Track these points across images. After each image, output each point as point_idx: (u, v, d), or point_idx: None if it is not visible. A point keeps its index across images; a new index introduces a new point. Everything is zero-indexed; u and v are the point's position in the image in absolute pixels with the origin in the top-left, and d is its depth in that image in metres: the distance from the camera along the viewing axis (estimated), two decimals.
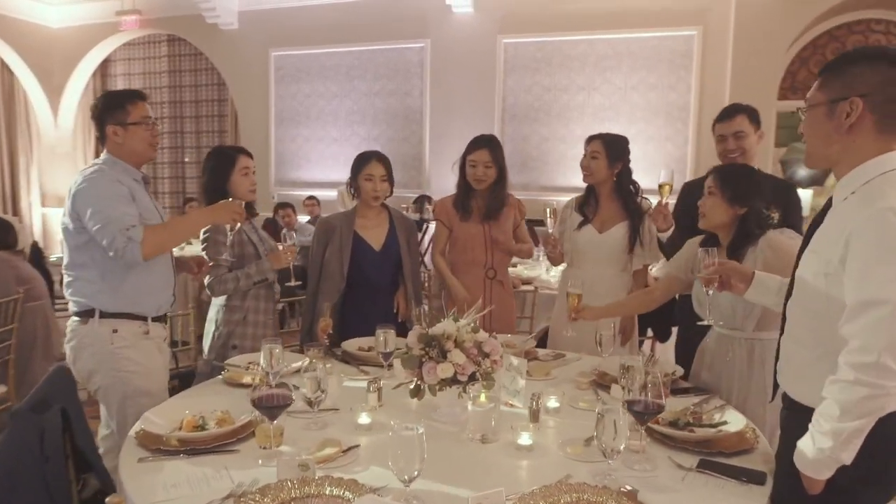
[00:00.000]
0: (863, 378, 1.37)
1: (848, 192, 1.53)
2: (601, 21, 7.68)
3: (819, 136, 1.58)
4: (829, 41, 7.47)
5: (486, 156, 3.15)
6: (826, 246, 1.54)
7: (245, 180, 2.91)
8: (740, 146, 2.81)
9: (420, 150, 8.56)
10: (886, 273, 1.37)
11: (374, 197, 3.06)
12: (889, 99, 1.47)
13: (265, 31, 8.90)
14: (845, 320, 1.43)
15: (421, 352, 1.95)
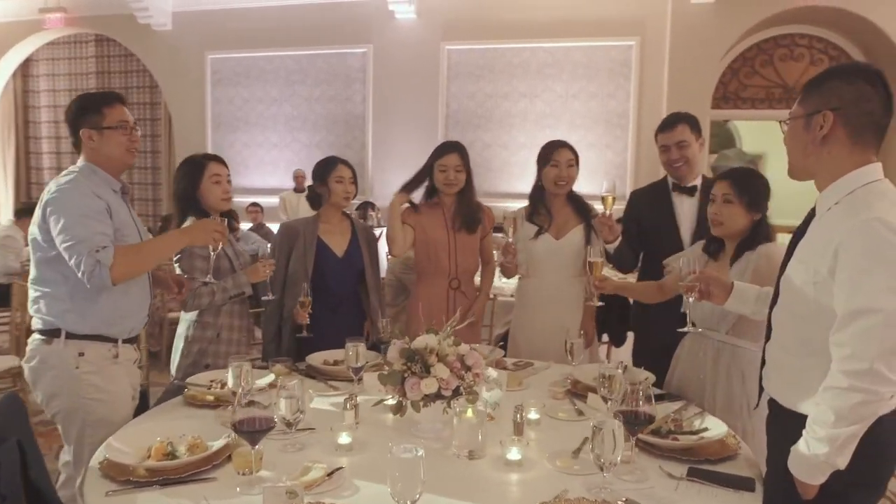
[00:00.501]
0: (857, 385, 1.39)
1: (831, 202, 1.57)
2: (542, 30, 7.80)
3: (797, 147, 1.63)
4: (757, 53, 7.83)
5: (457, 160, 3.09)
6: (813, 256, 1.57)
7: (216, 188, 2.74)
8: (683, 155, 2.85)
9: (363, 157, 8.46)
10: (876, 282, 1.40)
11: (345, 198, 3.04)
12: (863, 112, 1.52)
13: (201, 32, 8.61)
14: (836, 329, 1.46)
15: (403, 367, 1.89)
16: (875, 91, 1.52)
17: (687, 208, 2.93)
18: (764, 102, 7.85)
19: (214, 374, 2.46)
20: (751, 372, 2.22)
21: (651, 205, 3.01)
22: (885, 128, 1.54)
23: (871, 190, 1.50)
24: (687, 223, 2.91)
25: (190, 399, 2.27)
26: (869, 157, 1.55)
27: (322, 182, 3.06)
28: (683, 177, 2.90)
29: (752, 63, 7.84)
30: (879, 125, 1.53)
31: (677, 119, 2.90)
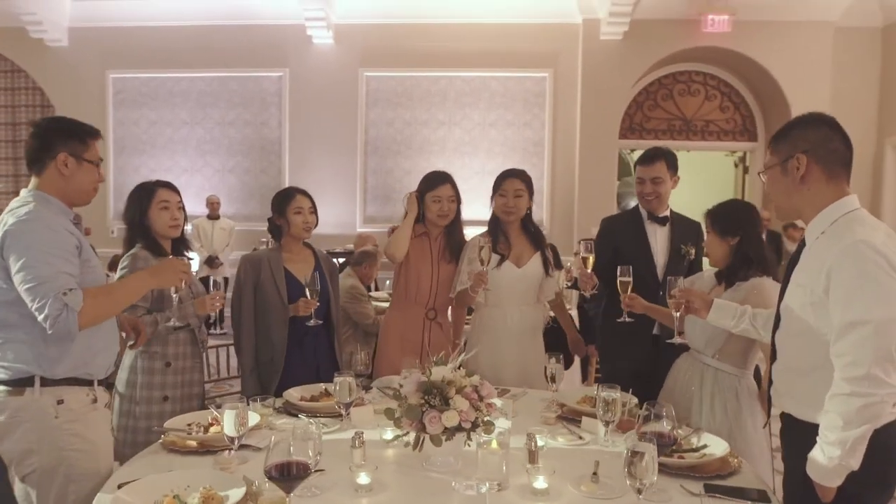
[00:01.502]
0: (858, 389, 1.55)
1: (818, 232, 1.75)
2: (460, 60, 7.99)
3: (781, 191, 1.82)
4: (658, 88, 8.41)
5: (450, 190, 3.08)
6: (809, 279, 1.73)
7: (164, 214, 2.65)
8: (656, 190, 3.02)
9: (279, 182, 8.22)
10: (866, 296, 1.58)
11: (305, 229, 2.98)
12: (830, 151, 1.73)
13: (101, 50, 8.13)
14: (834, 341, 1.62)
15: (421, 401, 1.86)
16: (835, 132, 1.74)
17: (660, 237, 3.09)
18: (666, 133, 8.42)
19: (192, 416, 2.30)
20: (732, 395, 2.39)
21: (626, 233, 3.13)
22: (850, 161, 1.76)
23: (851, 218, 1.69)
24: (660, 251, 3.06)
25: (170, 445, 2.10)
26: (844, 188, 1.75)
27: (281, 215, 2.99)
28: (654, 209, 3.06)
29: (654, 97, 8.41)
30: (845, 160, 1.74)
31: (657, 155, 3.04)
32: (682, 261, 3.04)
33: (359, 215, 8.22)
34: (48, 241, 1.95)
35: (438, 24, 7.91)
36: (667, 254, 3.03)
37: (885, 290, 1.57)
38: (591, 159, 7.92)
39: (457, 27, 7.92)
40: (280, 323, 2.88)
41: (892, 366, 1.55)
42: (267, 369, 2.89)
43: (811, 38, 7.72)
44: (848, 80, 7.95)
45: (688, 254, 3.04)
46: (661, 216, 3.06)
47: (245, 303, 2.91)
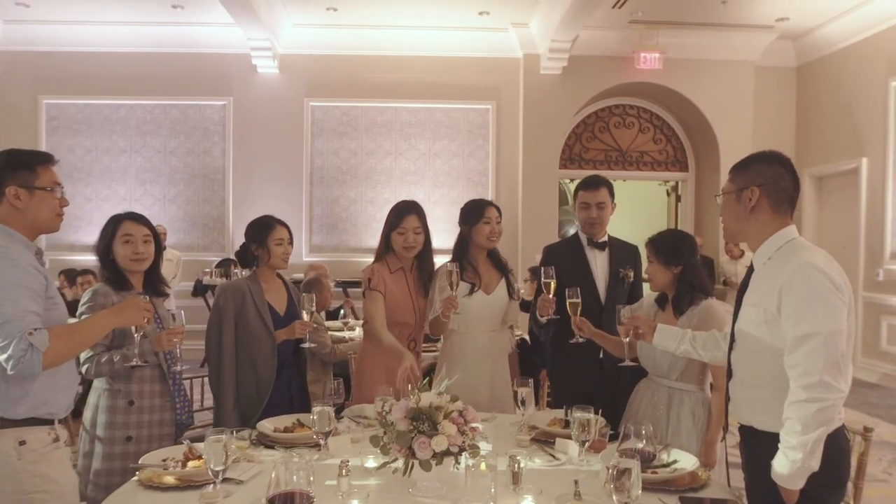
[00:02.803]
0: (812, 395, 1.71)
1: (765, 258, 1.95)
2: (405, 91, 8.12)
3: (731, 216, 2.02)
4: (596, 121, 8.77)
5: (416, 221, 3.10)
6: (762, 299, 1.90)
7: (126, 248, 2.60)
8: (600, 215, 3.18)
9: (222, 212, 8.11)
10: (815, 312, 1.76)
11: (284, 260, 3.00)
12: (780, 189, 1.93)
13: (34, 75, 7.85)
14: (788, 353, 1.79)
15: (410, 427, 1.89)
16: (787, 171, 1.94)
17: (600, 262, 3.23)
18: (603, 164, 8.77)
19: (165, 452, 2.25)
20: (700, 412, 2.56)
21: (568, 259, 3.26)
22: (796, 200, 1.97)
23: (794, 245, 1.90)
24: (601, 275, 3.21)
25: (148, 482, 2.05)
26: (786, 221, 1.96)
27: (261, 245, 2.97)
28: (596, 234, 3.21)
29: (592, 129, 8.77)
30: (792, 198, 1.96)
31: (600, 182, 3.21)
32: (622, 284, 3.20)
33: (305, 245, 8.16)
34: (14, 278, 1.90)
35: (384, 56, 8.04)
36: (607, 278, 3.18)
37: (830, 306, 1.76)
38: (533, 188, 8.16)
39: (402, 59, 8.07)
40: (269, 354, 2.86)
41: (840, 373, 1.73)
42: (250, 401, 2.84)
43: (734, 76, 8.26)
44: (768, 115, 8.53)
45: (626, 277, 3.19)
46: (601, 241, 3.22)
47: (226, 334, 2.86)
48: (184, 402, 2.74)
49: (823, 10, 7.42)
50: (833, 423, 1.77)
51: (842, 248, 7.95)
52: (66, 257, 7.62)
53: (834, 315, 1.75)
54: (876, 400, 6.51)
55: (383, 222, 3.19)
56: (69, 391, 2.11)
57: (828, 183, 8.35)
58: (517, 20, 7.75)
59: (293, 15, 7.60)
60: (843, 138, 7.78)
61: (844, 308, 1.78)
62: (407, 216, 3.12)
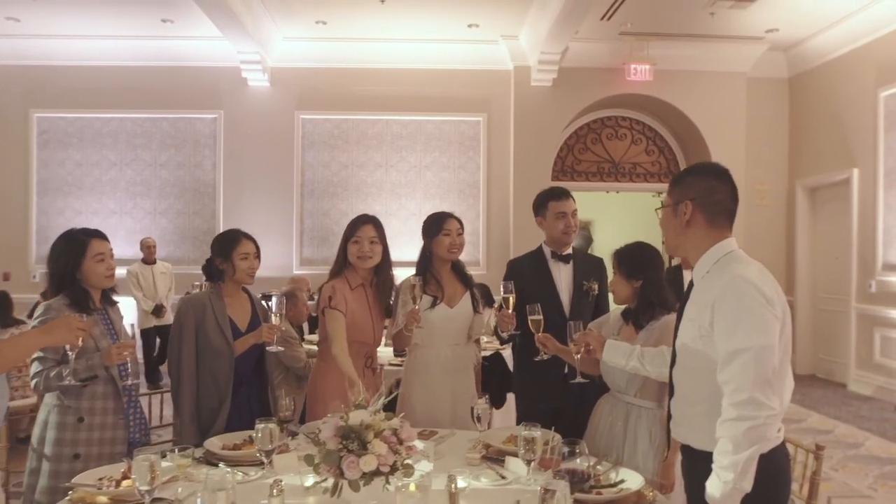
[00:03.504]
0: (742, 413, 1.66)
1: (703, 271, 1.90)
2: (395, 104, 8.13)
3: (669, 230, 1.99)
4: (588, 132, 8.74)
5: (371, 231, 3.05)
6: (698, 314, 1.86)
7: (100, 267, 2.57)
8: (576, 223, 3.16)
9: (213, 225, 8.11)
10: (745, 326, 1.70)
11: (249, 275, 2.96)
12: (714, 202, 1.89)
13: (25, 88, 7.91)
14: (720, 369, 1.74)
15: (339, 446, 1.85)
16: (722, 184, 1.90)
17: (564, 275, 3.19)
18: (595, 175, 8.73)
19: (103, 470, 2.21)
20: (657, 431, 2.50)
21: (531, 272, 3.23)
22: (734, 212, 1.92)
23: (730, 258, 1.86)
24: (565, 288, 3.17)
25: (79, 502, 2.02)
26: (724, 234, 1.90)
27: (226, 259, 2.94)
28: (568, 243, 3.17)
29: (584, 140, 8.74)
30: (729, 210, 1.90)
31: (566, 192, 3.20)
32: (587, 297, 3.15)
33: (295, 257, 8.15)
34: None
35: (374, 69, 8.06)
36: (571, 291, 3.14)
37: (760, 320, 1.70)
38: (524, 200, 8.07)
39: (392, 72, 8.08)
40: (227, 367, 2.84)
41: (771, 389, 1.67)
42: (210, 415, 2.81)
43: (726, 87, 8.22)
44: (761, 126, 8.48)
45: (591, 290, 3.15)
46: (565, 254, 3.18)
47: (186, 347, 2.84)
48: (138, 420, 2.70)
49: (813, 21, 7.39)
50: (769, 442, 1.72)
51: (835, 258, 7.87)
52: None
53: (764, 329, 1.70)
54: (868, 413, 6.41)
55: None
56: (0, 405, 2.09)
57: (821, 194, 8.28)
58: (507, 32, 7.75)
59: (283, 28, 7.63)
60: (835, 149, 7.72)
61: (776, 322, 1.73)
62: (362, 226, 3.07)
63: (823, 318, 8.18)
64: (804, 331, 8.37)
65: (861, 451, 5.21)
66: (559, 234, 3.17)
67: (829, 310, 8.02)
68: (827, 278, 8.10)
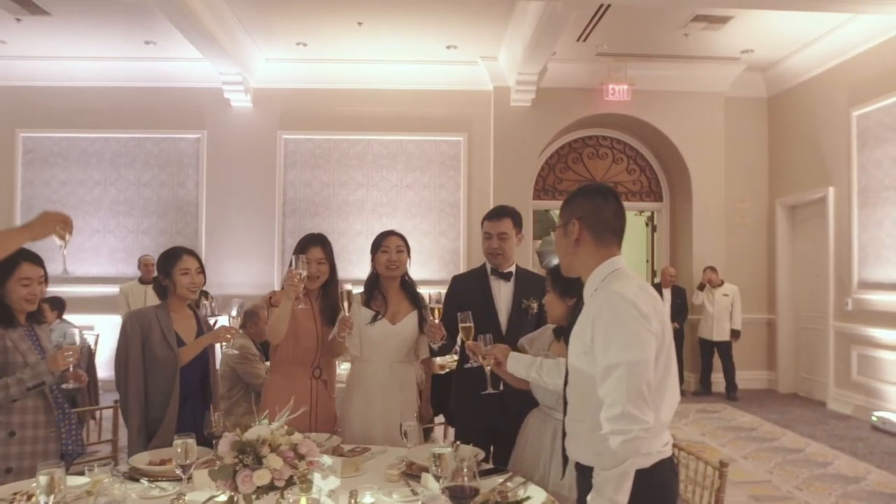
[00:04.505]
0: (616, 427, 1.68)
1: (592, 289, 1.94)
2: (377, 124, 8.22)
3: (562, 250, 2.04)
4: (569, 151, 8.81)
5: (319, 253, 3.15)
6: (582, 331, 1.90)
7: (22, 290, 2.63)
8: (502, 246, 3.17)
9: (196, 243, 8.17)
10: (619, 341, 1.74)
11: (191, 290, 3.02)
12: (599, 219, 1.93)
13: (12, 109, 8.06)
14: (598, 385, 1.77)
15: (235, 460, 1.88)
16: (607, 202, 1.94)
17: (504, 292, 3.22)
18: None
19: (19, 485, 2.25)
20: None
21: (471, 288, 3.27)
22: (620, 229, 1.96)
23: (615, 275, 1.90)
24: (504, 306, 3.19)
25: None
26: (612, 251, 1.95)
27: (167, 275, 3.03)
28: (499, 264, 3.20)
29: (565, 160, 8.80)
30: (614, 228, 1.95)
31: (504, 212, 3.22)
32: (525, 315, 3.17)
33: (277, 276, 8.20)
34: None
35: (355, 90, 8.16)
36: (510, 308, 3.16)
37: (634, 335, 1.74)
38: None
39: (373, 92, 8.18)
40: (173, 375, 2.90)
41: (646, 403, 1.70)
42: (157, 427, 2.86)
43: (704, 106, 8.29)
44: (740, 145, 8.53)
45: (530, 308, 3.17)
46: (506, 272, 3.21)
47: (132, 359, 2.89)
48: (70, 431, 2.75)
49: (786, 42, 7.46)
50: (649, 456, 1.75)
51: (814, 277, 7.87)
52: None
53: (638, 344, 1.73)
54: (843, 432, 6.37)
55: (355, 254, 3.26)
56: None
57: (800, 212, 8.31)
58: (486, 53, 7.85)
59: (264, 50, 7.76)
60: (812, 167, 7.76)
61: (652, 337, 1.76)
62: (310, 248, 3.18)
63: (804, 337, 8.17)
64: (786, 349, 8.36)
65: (829, 470, 5.18)
66: (485, 253, 3.21)
67: (810, 328, 8.01)
68: (807, 297, 8.10)
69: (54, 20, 6.82)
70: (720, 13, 6.64)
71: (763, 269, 8.61)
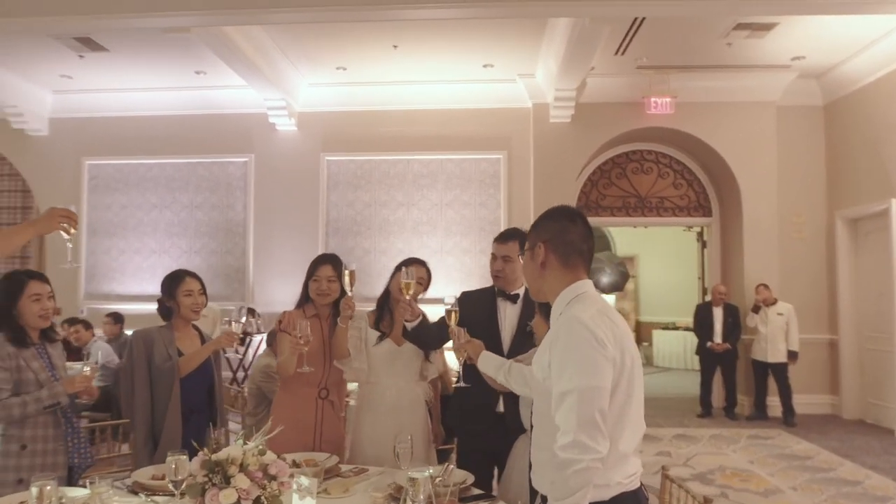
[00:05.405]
0: (567, 456, 1.63)
1: (558, 313, 1.90)
2: (417, 143, 8.32)
3: (528, 274, 2.01)
4: (612, 167, 8.66)
5: (330, 271, 3.21)
6: (540, 355, 1.87)
7: (34, 306, 2.78)
8: (504, 269, 3.13)
9: (243, 263, 8.46)
10: (572, 367, 1.70)
11: (194, 311, 3.14)
12: (565, 242, 1.90)
13: (78, 139, 8.58)
14: (553, 411, 1.72)
15: (204, 478, 1.93)
16: (574, 225, 1.91)
17: (509, 313, 3.18)
18: (621, 210, 8.61)
19: (22, 496, 2.37)
20: None
21: (477, 307, 3.24)
22: (587, 252, 1.91)
23: (578, 299, 1.85)
24: (508, 327, 3.15)
25: None
26: (578, 275, 1.90)
27: (170, 296, 3.15)
28: (503, 286, 3.17)
29: (608, 175, 8.65)
30: (581, 250, 1.90)
31: (511, 235, 3.18)
32: (530, 338, 3.11)
33: None
34: None
35: (396, 111, 8.30)
36: (514, 331, 3.12)
37: (587, 361, 1.68)
38: None
39: (413, 113, 8.29)
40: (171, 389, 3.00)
41: (598, 431, 1.63)
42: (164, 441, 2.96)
43: (753, 117, 8.00)
44: (794, 157, 8.17)
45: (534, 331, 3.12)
46: (513, 293, 3.17)
47: (138, 374, 3.01)
48: (78, 445, 2.88)
49: (841, 47, 7.13)
50: (608, 489, 1.69)
51: (878, 294, 7.42)
52: (102, 306, 8.14)
53: (591, 370, 1.68)
54: None
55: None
56: None
57: (862, 225, 7.86)
58: (523, 71, 7.85)
59: (307, 75, 8.00)
60: (874, 178, 7.34)
61: (607, 363, 1.69)
62: (321, 266, 3.26)
63: (870, 359, 7.68)
64: (850, 372, 7.87)
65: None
66: (491, 274, 3.19)
67: (876, 349, 7.53)
68: (872, 315, 7.62)
69: (112, 56, 7.25)
70: (764, 20, 6.41)
71: (822, 286, 8.18)
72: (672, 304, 12.01)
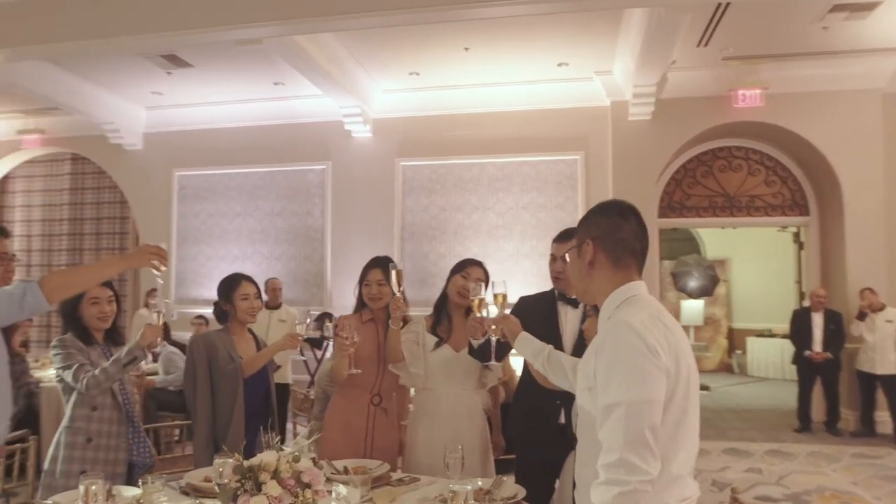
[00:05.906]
0: (611, 477, 1.47)
1: (606, 317, 1.73)
2: (492, 146, 8.20)
3: (575, 273, 1.85)
4: (697, 165, 8.22)
5: (379, 275, 3.19)
6: (585, 363, 1.71)
7: (93, 308, 2.89)
8: (564, 269, 2.96)
9: (321, 268, 8.62)
10: (620, 378, 1.53)
11: (250, 314, 3.18)
12: (617, 240, 1.74)
13: (169, 151, 9.02)
14: (598, 427, 1.56)
15: (236, 484, 1.90)
16: (626, 222, 1.73)
17: (571, 318, 3.01)
18: (708, 210, 8.15)
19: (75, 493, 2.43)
20: None
21: (537, 312, 3.08)
22: (640, 251, 1.74)
23: (628, 302, 1.68)
24: (570, 332, 2.98)
25: None
26: (630, 276, 1.73)
27: (227, 300, 3.19)
28: (564, 288, 3.00)
29: (693, 174, 8.22)
30: (633, 249, 1.73)
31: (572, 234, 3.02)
32: None
33: None
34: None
35: (470, 114, 8.22)
36: (576, 334, 2.94)
37: (637, 371, 1.51)
38: None
39: (487, 116, 8.19)
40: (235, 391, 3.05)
41: (649, 450, 1.46)
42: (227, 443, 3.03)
43: (855, 106, 7.37)
44: None
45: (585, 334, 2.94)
46: (573, 297, 2.99)
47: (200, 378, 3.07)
48: (140, 444, 2.95)
49: None
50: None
51: None
52: (191, 310, 8.50)
53: (642, 382, 1.50)
54: None
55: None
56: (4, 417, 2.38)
57: None
58: (599, 68, 7.58)
59: (381, 82, 8.06)
60: None
61: (660, 374, 1.52)
62: (371, 270, 3.25)
63: None
64: None
65: None
66: (551, 276, 3.03)
67: None
68: None
69: (197, 71, 7.58)
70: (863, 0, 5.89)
71: None
72: (768, 310, 11.26)
